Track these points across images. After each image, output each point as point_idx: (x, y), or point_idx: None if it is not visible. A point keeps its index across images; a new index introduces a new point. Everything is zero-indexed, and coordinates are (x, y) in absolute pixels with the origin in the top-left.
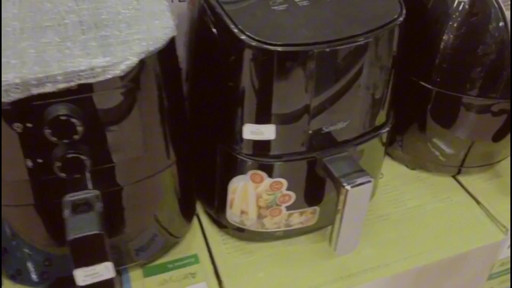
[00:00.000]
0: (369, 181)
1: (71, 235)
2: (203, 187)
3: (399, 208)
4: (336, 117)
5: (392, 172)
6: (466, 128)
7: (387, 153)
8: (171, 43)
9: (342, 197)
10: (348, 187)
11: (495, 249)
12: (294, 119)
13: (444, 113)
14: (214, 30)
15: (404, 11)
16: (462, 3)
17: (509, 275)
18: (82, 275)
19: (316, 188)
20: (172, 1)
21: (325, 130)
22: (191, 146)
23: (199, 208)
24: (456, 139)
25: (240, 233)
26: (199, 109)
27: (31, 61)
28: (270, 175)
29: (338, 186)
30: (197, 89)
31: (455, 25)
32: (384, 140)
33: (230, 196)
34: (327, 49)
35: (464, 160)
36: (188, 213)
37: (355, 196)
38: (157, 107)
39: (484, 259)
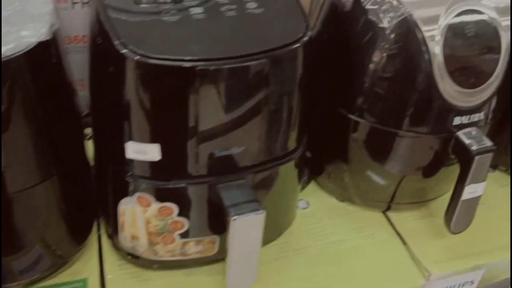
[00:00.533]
0: (259, 212)
1: None
2: (103, 205)
3: (319, 242)
4: (230, 142)
5: (319, 202)
6: (392, 162)
7: (317, 183)
8: (41, 49)
9: (230, 228)
10: (234, 217)
11: None
12: (180, 140)
13: (368, 145)
14: (98, 38)
15: (309, 32)
16: (387, 32)
17: None
18: None
19: (213, 216)
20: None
21: (218, 154)
22: (84, 160)
23: (103, 229)
24: (383, 173)
25: (134, 259)
26: (96, 120)
27: None
28: (158, 199)
29: (227, 216)
30: (93, 100)
31: (377, 54)
32: (293, 169)
33: (120, 218)
34: (212, 67)
35: (393, 195)
36: (79, 234)
37: (242, 227)
38: (18, 116)
39: None
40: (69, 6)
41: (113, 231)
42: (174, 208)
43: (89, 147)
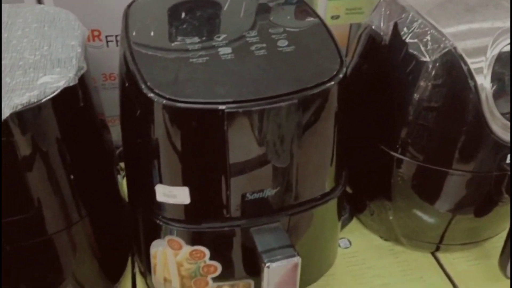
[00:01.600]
0: (294, 259)
1: None
2: (137, 246)
3: (363, 285)
4: (262, 184)
5: (362, 242)
6: (441, 201)
7: (360, 220)
8: (67, 94)
9: (264, 275)
10: (268, 264)
11: None
12: (210, 183)
13: (413, 183)
14: (126, 81)
15: (343, 69)
16: (430, 65)
17: None
18: None
19: (247, 259)
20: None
21: (250, 197)
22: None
23: (137, 268)
24: (431, 212)
25: None
26: (127, 163)
27: None
28: (189, 242)
29: (260, 262)
30: (124, 143)
31: (420, 89)
32: (332, 208)
33: (152, 261)
34: (240, 110)
35: (443, 236)
36: (113, 274)
37: (276, 274)
38: (50, 160)
39: None
40: (103, 45)
41: (146, 272)
42: (206, 251)
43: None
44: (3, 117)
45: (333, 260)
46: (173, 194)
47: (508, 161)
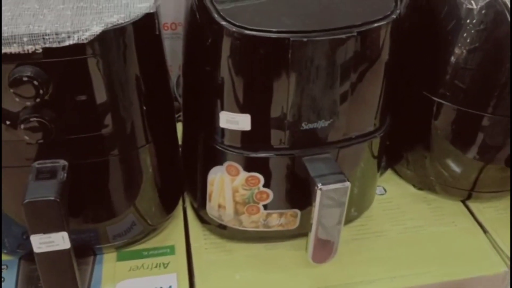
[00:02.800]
0: (345, 184)
1: (27, 198)
2: (190, 179)
3: (397, 226)
4: (316, 115)
5: (397, 190)
6: (475, 148)
7: (394, 171)
8: (147, 20)
9: (315, 198)
10: (321, 186)
11: (496, 281)
12: (270, 111)
13: (452, 130)
14: (197, 15)
15: (398, 10)
16: (475, 13)
17: None
18: (37, 241)
19: (297, 190)
20: None
21: (305, 127)
22: (175, 135)
23: (188, 203)
24: (465, 160)
25: (220, 230)
26: (187, 98)
27: (3, 23)
28: (245, 168)
29: (312, 186)
30: (186, 78)
31: (465, 36)
32: (375, 148)
33: (209, 188)
34: (304, 39)
35: (474, 184)
36: (168, 204)
37: (328, 197)
38: (126, 81)
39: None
40: None
41: (200, 203)
42: (260, 178)
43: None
44: (95, 32)
45: (370, 202)
46: (235, 121)
47: None
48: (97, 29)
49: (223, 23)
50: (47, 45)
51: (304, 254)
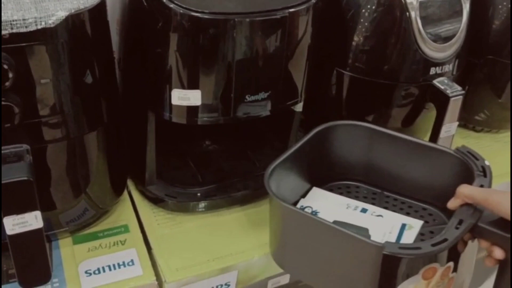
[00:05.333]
0: None
1: (2, 180)
2: (136, 160)
3: None
4: (258, 88)
5: None
6: (384, 110)
7: None
8: (101, 6)
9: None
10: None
11: None
12: (218, 86)
13: (360, 98)
14: (144, 2)
15: None
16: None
17: None
18: (10, 223)
19: None
20: None
21: (248, 99)
22: (122, 119)
23: (132, 186)
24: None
25: (168, 204)
26: (131, 83)
27: None
28: None
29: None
30: (129, 65)
31: (362, 21)
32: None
33: None
34: (247, 19)
35: None
36: (118, 186)
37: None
38: (86, 65)
39: None
40: None
41: (148, 181)
42: None
43: None
44: (61, 17)
45: None
46: (187, 97)
47: (431, 72)
48: (62, 14)
49: (172, 6)
50: (14, 31)
51: (248, 217)
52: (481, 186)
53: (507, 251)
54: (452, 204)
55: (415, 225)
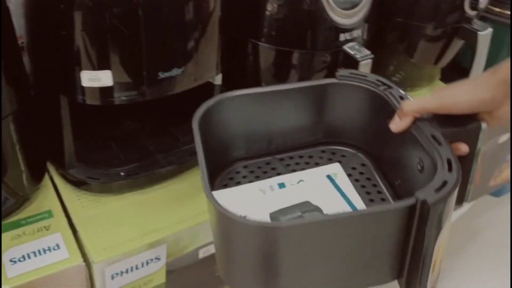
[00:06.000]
0: None
1: None
2: (54, 145)
3: None
4: (170, 64)
5: None
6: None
7: None
8: None
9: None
10: None
11: None
12: (128, 64)
13: (275, 67)
14: None
15: None
16: None
17: None
18: None
19: None
20: None
21: (162, 76)
22: (35, 105)
23: (53, 171)
24: None
25: (91, 186)
26: (40, 68)
27: None
28: None
29: None
30: (37, 49)
31: None
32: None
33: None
34: None
35: None
36: (38, 173)
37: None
38: None
39: None
40: None
41: (68, 164)
42: None
43: None
44: None
45: None
46: (97, 78)
47: (341, 39)
48: None
49: None
50: None
51: (173, 192)
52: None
53: (472, 143)
54: (399, 125)
55: (336, 170)
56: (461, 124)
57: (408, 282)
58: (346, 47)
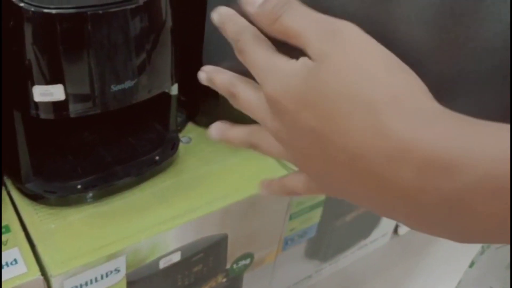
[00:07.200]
0: None
1: None
2: (11, 159)
3: (208, 165)
4: (122, 77)
5: (200, 137)
6: None
7: (195, 122)
8: None
9: None
10: None
11: None
12: (80, 79)
13: None
14: None
15: None
16: None
17: (308, 214)
18: None
19: None
20: None
21: (114, 89)
22: None
23: (10, 185)
24: None
25: (49, 200)
26: None
27: None
28: None
29: None
30: None
31: None
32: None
33: None
34: (100, 11)
35: None
36: None
37: None
38: None
39: (279, 200)
40: None
41: (25, 179)
42: None
43: None
44: None
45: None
46: (49, 93)
47: None
48: None
49: (22, 4)
50: None
51: (131, 203)
52: None
53: None
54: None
55: None
56: None
57: None
58: None
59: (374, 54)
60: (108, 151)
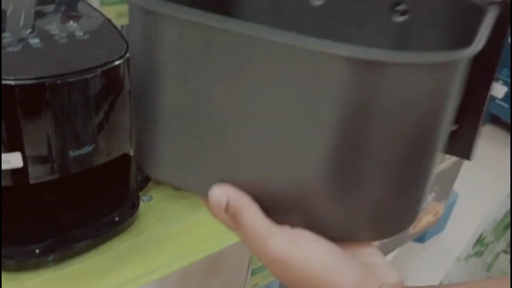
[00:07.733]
0: None
1: None
2: None
3: (168, 224)
4: (80, 142)
5: (161, 194)
6: None
7: (156, 181)
8: None
9: None
10: None
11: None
12: (38, 146)
13: None
14: None
15: (127, 52)
16: None
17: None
18: None
19: None
20: None
21: (72, 154)
22: None
23: None
24: None
25: (8, 265)
26: None
27: None
28: None
29: None
30: None
31: None
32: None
33: None
34: (58, 82)
35: None
36: None
37: None
38: None
39: (240, 256)
40: None
41: None
42: None
43: None
44: None
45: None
46: (7, 160)
47: None
48: None
49: None
50: None
51: (90, 266)
52: None
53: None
54: None
55: None
56: None
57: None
58: None
59: None
60: (67, 213)
